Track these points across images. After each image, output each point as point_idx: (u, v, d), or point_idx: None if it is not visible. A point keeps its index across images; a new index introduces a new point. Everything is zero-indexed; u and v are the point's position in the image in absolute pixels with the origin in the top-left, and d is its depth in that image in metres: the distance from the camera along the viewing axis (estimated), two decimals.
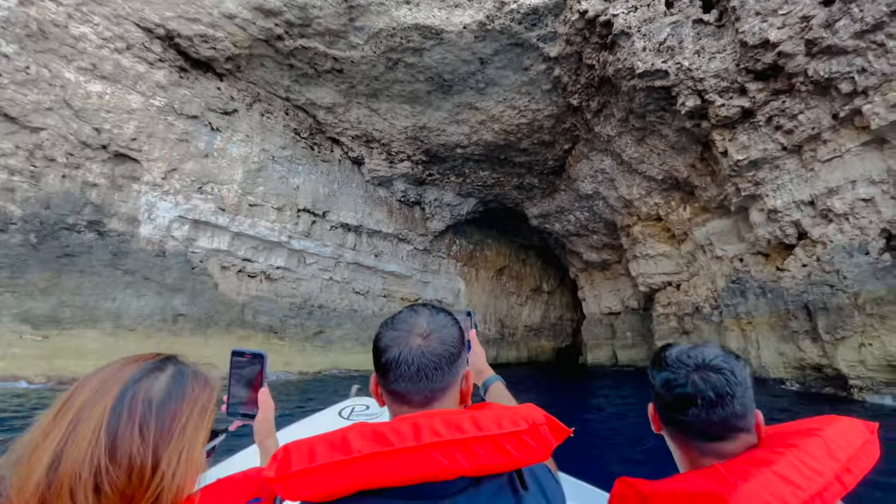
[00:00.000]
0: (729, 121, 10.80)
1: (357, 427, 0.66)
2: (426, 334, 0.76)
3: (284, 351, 17.93)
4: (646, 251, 17.98)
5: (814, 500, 0.67)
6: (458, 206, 23.77)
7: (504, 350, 31.17)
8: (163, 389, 0.59)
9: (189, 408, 0.61)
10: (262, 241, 18.09)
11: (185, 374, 0.64)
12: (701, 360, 0.83)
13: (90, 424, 0.52)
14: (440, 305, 0.85)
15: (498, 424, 0.64)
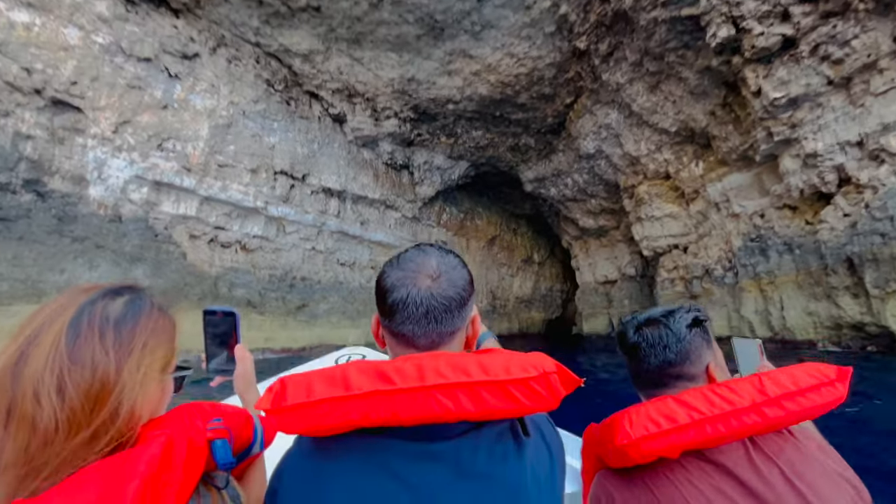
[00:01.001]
0: (766, 53, 9.54)
1: (357, 364, 0.63)
2: (436, 275, 0.70)
3: (265, 326, 16.45)
4: (651, 212, 16.95)
5: (713, 422, 0.71)
6: (450, 170, 22.22)
7: (496, 322, 30.34)
8: (119, 309, 0.59)
9: (147, 328, 0.60)
10: (236, 207, 16.29)
11: (143, 299, 0.63)
12: (645, 317, 0.89)
13: (51, 333, 0.53)
14: (445, 246, 0.82)
15: (506, 370, 0.61)
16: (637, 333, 0.90)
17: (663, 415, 0.74)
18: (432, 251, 0.75)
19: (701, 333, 0.89)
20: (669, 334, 0.86)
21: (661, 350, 0.86)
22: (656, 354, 0.87)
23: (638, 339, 0.89)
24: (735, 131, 12.02)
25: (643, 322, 0.91)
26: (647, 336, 0.88)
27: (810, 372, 0.78)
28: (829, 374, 0.78)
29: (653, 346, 0.87)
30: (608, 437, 0.80)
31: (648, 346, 0.87)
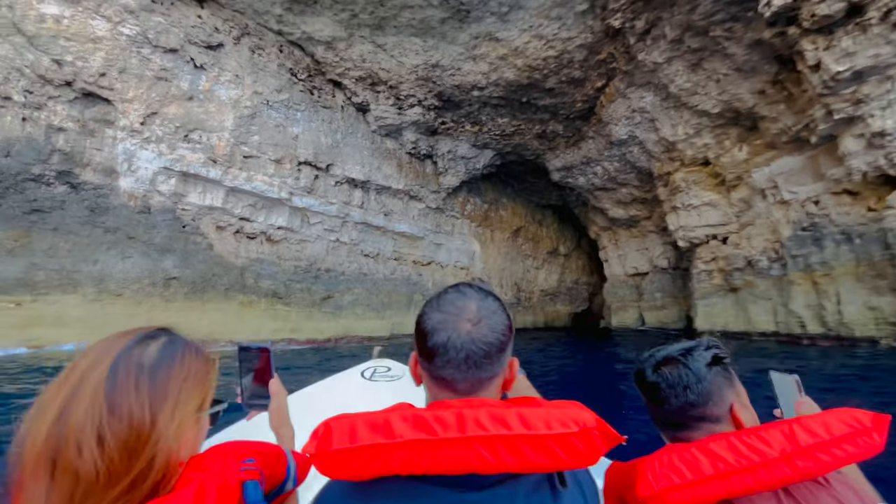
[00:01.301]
0: (828, 22, 8.65)
1: (400, 409, 0.65)
2: (476, 320, 0.71)
3: (291, 317, 16.49)
4: (689, 201, 16.06)
5: (741, 475, 0.68)
6: (474, 160, 21.70)
7: (520, 315, 29.82)
8: (154, 356, 0.62)
9: (181, 372, 0.64)
10: (261, 198, 16.30)
11: (177, 343, 0.66)
12: (663, 356, 0.85)
13: (90, 385, 0.57)
14: (483, 284, 0.78)
15: (547, 424, 0.61)
16: (656, 373, 0.86)
17: (687, 465, 0.71)
18: (472, 294, 0.75)
19: (722, 372, 0.86)
20: (689, 374, 0.83)
21: (681, 391, 0.83)
22: (677, 395, 0.83)
23: (657, 379, 0.86)
24: (787, 111, 11.09)
25: (661, 361, 0.87)
26: (667, 376, 0.84)
27: (844, 419, 0.73)
28: (864, 421, 0.72)
29: (673, 386, 0.83)
30: (630, 483, 0.77)
31: (668, 386, 0.83)
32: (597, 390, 7.88)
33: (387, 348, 2.71)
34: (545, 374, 9.36)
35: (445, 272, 23.89)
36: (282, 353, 13.02)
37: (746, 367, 3.79)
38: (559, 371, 10.07)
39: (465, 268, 25.11)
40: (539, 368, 10.16)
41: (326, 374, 2.25)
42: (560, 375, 9.72)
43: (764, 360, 10.02)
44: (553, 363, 11.67)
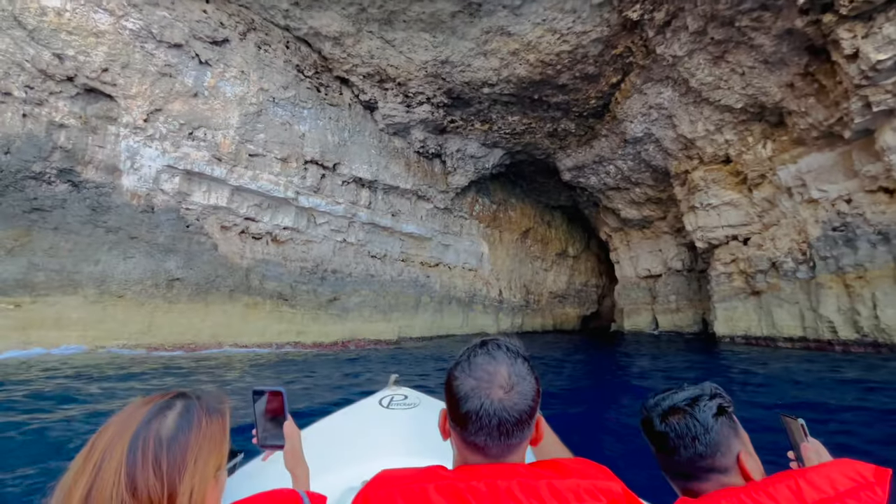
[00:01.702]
0: (868, 7, 8.11)
1: (435, 477, 0.68)
2: (508, 387, 0.72)
3: (296, 319, 16.09)
4: (707, 200, 15.48)
5: None
6: (483, 159, 21.25)
7: (529, 318, 29.31)
8: (172, 427, 0.65)
9: (199, 440, 0.66)
10: (266, 198, 15.93)
11: (193, 409, 0.68)
12: (669, 405, 0.85)
13: (112, 466, 0.59)
14: (511, 343, 0.80)
15: (577, 496, 0.63)
16: (664, 423, 0.86)
17: None
18: (503, 357, 0.75)
19: (727, 422, 0.86)
20: (697, 425, 0.83)
21: (690, 442, 0.83)
22: (686, 447, 0.84)
23: (665, 429, 0.85)
24: (818, 104, 10.52)
25: (668, 410, 0.87)
26: (675, 427, 0.84)
27: (847, 473, 0.74)
28: (867, 475, 0.74)
29: (681, 437, 0.84)
30: None
31: (677, 437, 0.83)
32: (622, 401, 7.38)
33: (401, 379, 2.77)
34: (573, 383, 8.87)
35: (453, 273, 23.43)
36: (288, 355, 12.63)
37: (776, 373, 5.73)
38: (587, 377, 9.56)
39: (474, 269, 24.64)
40: (564, 378, 9.66)
41: (338, 386, 1.97)
42: (588, 382, 9.22)
43: (793, 365, 9.46)
44: (578, 371, 11.17)
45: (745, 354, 11.94)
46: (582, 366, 11.75)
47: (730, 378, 8.31)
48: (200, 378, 8.02)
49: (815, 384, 7.50)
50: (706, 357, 12.23)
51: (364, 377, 8.93)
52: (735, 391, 7.32)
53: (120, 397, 6.07)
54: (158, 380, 7.60)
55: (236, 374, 8.58)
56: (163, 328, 12.47)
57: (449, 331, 22.25)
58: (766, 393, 7.16)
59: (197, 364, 10.08)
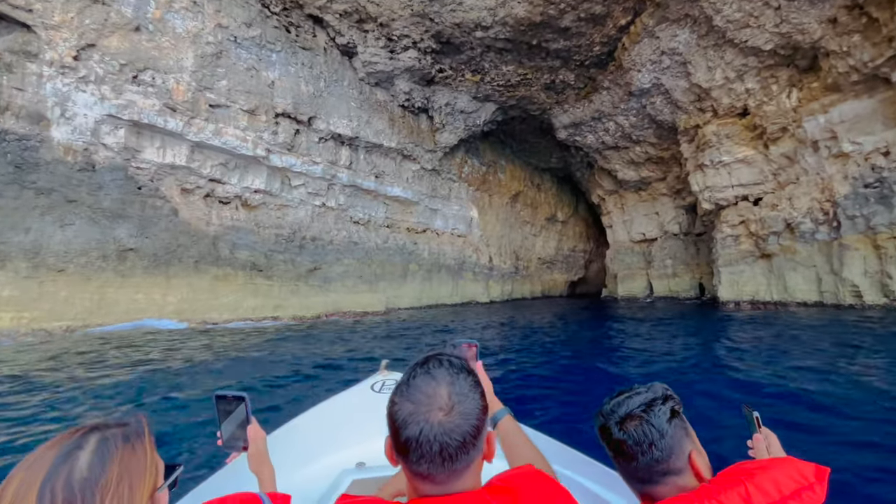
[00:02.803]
0: None
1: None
2: (448, 408, 0.69)
3: (273, 293, 14.62)
4: (718, 157, 14.39)
5: None
6: (474, 114, 19.50)
7: (518, 285, 28.52)
8: (85, 469, 0.59)
9: (119, 476, 0.61)
10: (233, 156, 14.02)
11: (108, 443, 0.62)
12: (626, 409, 0.87)
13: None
14: (455, 359, 0.76)
15: None
16: (622, 431, 0.85)
17: None
18: (442, 376, 0.72)
19: (680, 424, 0.87)
20: (653, 431, 0.84)
21: (647, 448, 0.83)
22: (643, 452, 0.83)
23: (623, 436, 0.85)
24: (865, 42, 9.29)
25: (624, 417, 0.87)
26: (632, 433, 0.85)
27: (792, 475, 0.78)
28: (809, 476, 0.78)
29: (639, 443, 0.84)
30: None
31: (635, 443, 0.84)
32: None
33: (392, 364, 2.63)
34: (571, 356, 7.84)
35: (442, 240, 22.12)
36: (269, 328, 11.25)
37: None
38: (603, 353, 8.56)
39: (463, 235, 23.36)
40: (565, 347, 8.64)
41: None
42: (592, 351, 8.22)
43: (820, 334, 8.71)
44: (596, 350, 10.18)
45: (759, 320, 11.21)
46: (594, 343, 10.78)
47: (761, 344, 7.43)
48: (170, 365, 6.60)
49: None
50: (723, 323, 11.42)
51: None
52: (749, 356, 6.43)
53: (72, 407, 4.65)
54: (106, 371, 6.16)
55: (208, 354, 7.20)
56: (117, 305, 10.84)
57: (439, 300, 21.18)
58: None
59: (155, 344, 8.61)
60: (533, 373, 6.35)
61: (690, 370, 6.24)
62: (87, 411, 4.28)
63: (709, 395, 4.73)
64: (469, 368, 0.75)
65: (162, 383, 5.39)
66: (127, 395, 4.91)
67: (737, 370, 5.98)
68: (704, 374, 5.89)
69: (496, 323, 13.85)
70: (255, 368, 6.46)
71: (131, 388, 5.19)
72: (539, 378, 6.12)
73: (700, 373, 6.00)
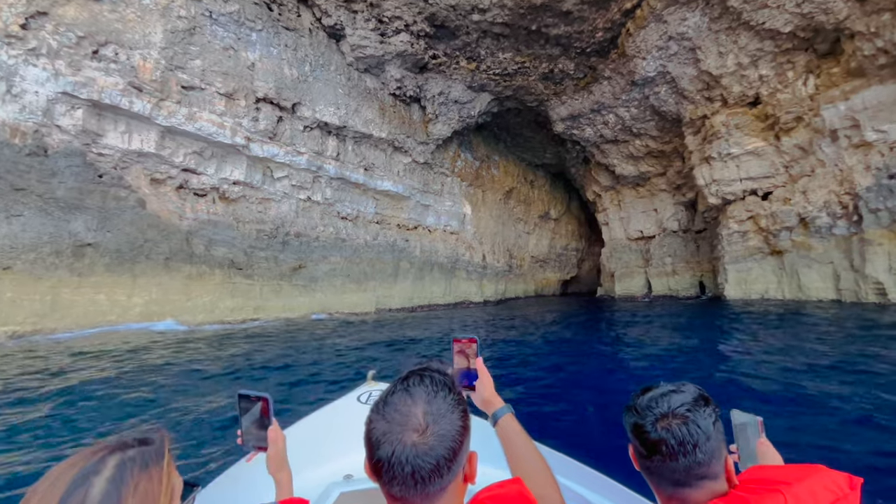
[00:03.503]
0: None
1: None
2: (422, 428, 0.66)
3: (253, 293, 13.48)
4: (727, 150, 13.74)
5: None
6: (469, 105, 18.58)
7: (512, 284, 27.72)
8: (98, 496, 0.57)
9: (132, 501, 0.60)
10: (209, 144, 12.84)
11: (125, 470, 0.60)
12: (667, 407, 0.81)
13: None
14: (439, 375, 0.72)
15: None
16: (664, 429, 0.79)
17: None
18: (420, 394, 0.69)
19: (720, 428, 0.82)
20: (699, 432, 0.78)
21: (691, 449, 0.77)
22: (686, 454, 0.77)
23: (665, 435, 0.78)
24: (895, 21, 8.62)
25: (667, 415, 0.80)
26: (676, 433, 0.78)
27: (827, 485, 0.75)
28: (843, 486, 0.75)
29: (683, 444, 0.77)
30: None
31: (678, 444, 0.78)
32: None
33: (379, 372, 2.51)
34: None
35: (434, 237, 21.15)
36: (244, 331, 10.15)
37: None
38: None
39: (456, 232, 22.43)
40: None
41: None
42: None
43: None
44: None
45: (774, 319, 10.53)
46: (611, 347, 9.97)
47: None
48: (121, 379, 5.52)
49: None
50: (737, 323, 10.70)
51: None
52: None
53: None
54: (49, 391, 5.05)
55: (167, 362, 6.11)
56: (73, 307, 9.62)
57: (431, 300, 20.21)
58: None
59: (117, 353, 7.47)
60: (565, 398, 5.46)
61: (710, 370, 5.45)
62: None
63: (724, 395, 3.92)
64: (451, 386, 0.71)
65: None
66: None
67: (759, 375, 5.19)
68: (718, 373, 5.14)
69: (500, 326, 12.94)
70: (219, 385, 5.42)
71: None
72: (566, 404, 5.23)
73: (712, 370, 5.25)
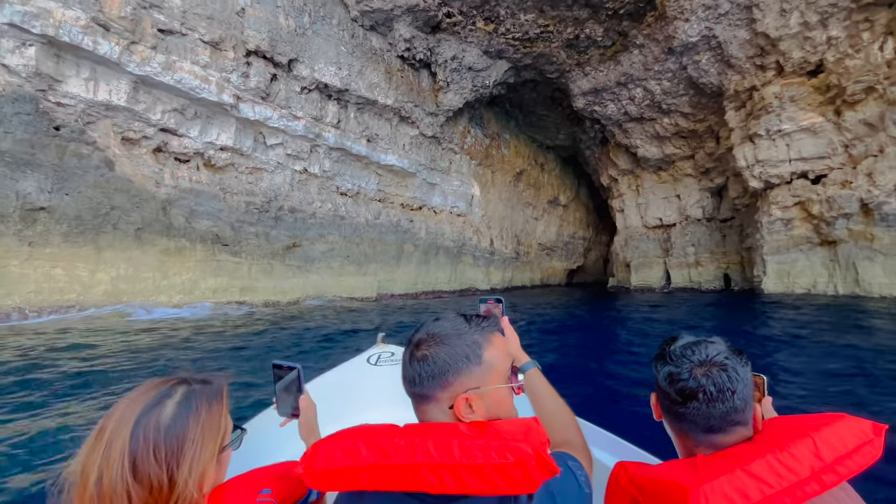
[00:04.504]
0: None
1: (369, 434, 0.75)
2: (419, 343, 0.80)
3: (241, 272, 11.99)
4: (778, 125, 12.23)
5: (781, 497, 0.71)
6: (483, 73, 16.89)
7: (518, 272, 26.35)
8: (170, 416, 0.67)
9: (196, 427, 0.69)
10: (191, 100, 11.20)
11: (192, 398, 0.71)
12: (705, 356, 0.83)
13: (117, 450, 0.64)
14: (452, 317, 0.85)
15: (486, 454, 0.68)
16: (705, 376, 0.81)
17: (738, 492, 0.71)
18: (431, 324, 0.84)
19: (751, 376, 0.85)
20: (737, 379, 0.80)
21: (729, 396, 0.79)
22: (724, 400, 0.79)
23: (705, 382, 0.80)
24: None
25: (706, 362, 0.82)
26: (717, 380, 0.80)
27: (853, 430, 0.77)
28: (867, 431, 0.77)
29: (722, 391, 0.79)
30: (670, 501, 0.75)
31: (717, 391, 0.80)
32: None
33: (388, 337, 2.52)
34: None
35: (440, 218, 19.64)
36: (236, 317, 8.71)
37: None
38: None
39: (463, 214, 20.92)
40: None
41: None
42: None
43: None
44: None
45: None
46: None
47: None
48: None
49: None
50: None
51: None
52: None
53: None
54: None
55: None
56: (22, 283, 8.10)
57: (436, 286, 18.79)
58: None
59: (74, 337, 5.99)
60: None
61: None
62: None
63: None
64: (469, 317, 0.84)
65: None
66: None
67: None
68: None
69: (528, 318, 11.53)
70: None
71: None
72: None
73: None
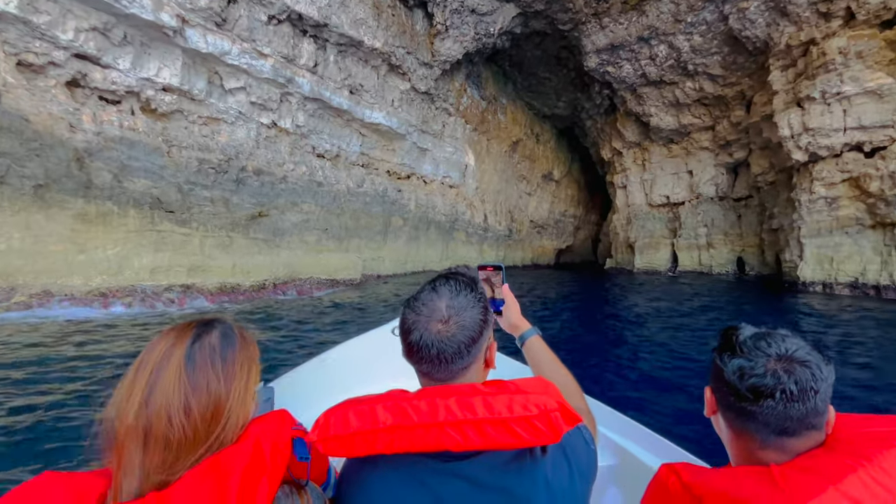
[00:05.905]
0: None
1: (386, 399, 0.74)
2: (445, 319, 0.78)
3: (190, 246, 9.52)
4: (838, 87, 10.53)
5: None
6: (488, 18, 14.41)
7: (511, 251, 24.56)
8: (219, 341, 0.70)
9: (242, 355, 0.72)
10: (117, 17, 8.42)
11: (231, 330, 0.73)
12: (784, 350, 0.74)
13: (172, 368, 0.64)
14: (463, 278, 0.83)
15: (509, 408, 0.68)
16: (785, 372, 0.71)
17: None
18: (444, 291, 0.80)
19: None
20: (821, 378, 0.71)
21: (811, 396, 0.70)
22: (805, 401, 0.70)
23: (785, 379, 0.70)
24: None
25: (784, 356, 0.72)
26: (800, 377, 0.70)
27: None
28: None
29: (804, 391, 0.70)
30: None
31: (800, 390, 0.70)
32: None
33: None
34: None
35: (431, 189, 17.37)
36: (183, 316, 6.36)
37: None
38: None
39: (456, 186, 18.71)
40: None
41: None
42: None
43: None
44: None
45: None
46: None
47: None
48: None
49: None
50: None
51: None
52: None
53: None
54: None
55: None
56: None
57: (426, 265, 16.71)
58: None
59: None
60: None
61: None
62: None
63: None
64: (474, 286, 0.82)
65: None
66: None
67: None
68: None
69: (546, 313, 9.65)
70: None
71: None
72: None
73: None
